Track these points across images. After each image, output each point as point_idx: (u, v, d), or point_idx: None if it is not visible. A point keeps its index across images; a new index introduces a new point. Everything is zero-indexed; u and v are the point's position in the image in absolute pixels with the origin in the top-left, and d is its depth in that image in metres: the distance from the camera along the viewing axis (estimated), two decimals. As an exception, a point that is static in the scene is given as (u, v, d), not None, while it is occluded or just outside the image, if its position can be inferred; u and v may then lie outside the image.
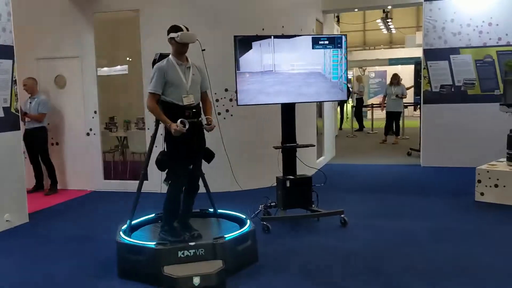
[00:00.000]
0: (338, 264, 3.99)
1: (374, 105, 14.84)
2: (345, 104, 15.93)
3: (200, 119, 3.91)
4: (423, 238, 4.59)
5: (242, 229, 4.06)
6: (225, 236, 3.86)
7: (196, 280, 3.44)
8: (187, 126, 3.69)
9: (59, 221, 5.62)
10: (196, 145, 3.92)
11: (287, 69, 4.97)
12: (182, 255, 3.66)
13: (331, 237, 4.70)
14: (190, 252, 3.67)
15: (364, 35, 30.62)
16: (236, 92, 4.92)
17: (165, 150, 3.92)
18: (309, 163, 7.56)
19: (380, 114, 13.90)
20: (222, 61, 5.78)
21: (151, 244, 3.72)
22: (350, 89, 16.46)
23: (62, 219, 5.74)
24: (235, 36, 4.87)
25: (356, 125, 14.78)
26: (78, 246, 4.64)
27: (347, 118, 15.85)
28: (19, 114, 5.46)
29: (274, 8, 7.04)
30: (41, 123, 6.96)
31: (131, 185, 4.16)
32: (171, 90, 3.80)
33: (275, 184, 5.20)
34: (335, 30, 19.00)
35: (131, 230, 4.24)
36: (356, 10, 11.61)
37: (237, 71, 4.86)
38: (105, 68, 8.74)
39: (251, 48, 4.84)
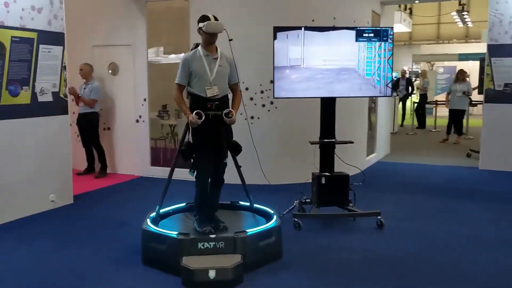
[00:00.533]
0: (363, 266, 3.83)
1: (438, 102, 14.12)
2: (407, 100, 15.26)
3: (224, 111, 3.84)
4: (459, 246, 4.29)
5: (266, 225, 3.99)
6: (247, 230, 3.80)
7: (212, 274, 3.41)
8: (202, 118, 3.69)
9: (102, 205, 5.81)
10: (218, 137, 3.86)
11: (317, 64, 4.80)
12: (202, 247, 3.65)
13: (364, 238, 4.51)
14: (210, 245, 3.65)
15: (438, 28, 29.28)
16: (273, 83, 4.83)
17: (190, 141, 3.93)
18: (358, 160, 7.36)
19: (445, 112, 13.21)
20: (271, 52, 5.69)
21: (173, 233, 3.74)
22: (414, 84, 15.80)
23: (105, 202, 5.93)
24: (274, 27, 4.76)
25: (417, 122, 14.15)
26: (112, 230, 4.76)
27: (411, 114, 15.19)
28: (67, 99, 5.67)
29: (326, 1, 6.83)
30: (93, 109, 7.21)
31: (177, 172, 4.27)
32: (195, 81, 3.80)
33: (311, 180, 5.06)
34: (406, 23, 18.35)
35: (161, 218, 4.30)
36: (417, 1, 11.01)
37: (274, 64, 4.76)
38: (158, 57, 8.89)
39: (287, 39, 4.71)
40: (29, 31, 5.08)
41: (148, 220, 4.03)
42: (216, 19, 3.83)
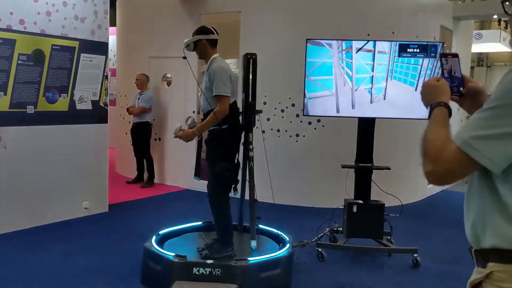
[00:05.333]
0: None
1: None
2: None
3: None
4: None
5: (272, 254, 3.63)
6: (249, 258, 3.47)
7: (199, 303, 3.13)
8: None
9: (134, 215, 5.75)
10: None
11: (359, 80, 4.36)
12: (197, 272, 3.38)
13: (393, 278, 3.98)
14: (205, 271, 3.38)
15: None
16: (303, 100, 4.47)
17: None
18: (418, 188, 6.72)
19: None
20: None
21: (170, 255, 3.51)
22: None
23: (138, 213, 5.87)
24: (307, 39, 4.42)
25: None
26: (131, 243, 4.64)
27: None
28: (107, 108, 5.71)
29: (384, 13, 6.35)
30: (145, 118, 7.27)
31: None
32: None
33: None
34: (501, 38, 16.77)
35: (172, 235, 4.12)
36: (495, 17, 10.00)
37: (306, 78, 4.41)
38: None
39: (323, 52, 4.34)
40: (70, 39, 5.18)
41: (154, 238, 3.85)
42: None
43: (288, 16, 6.37)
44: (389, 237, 4.60)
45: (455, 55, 1.52)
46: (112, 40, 8.39)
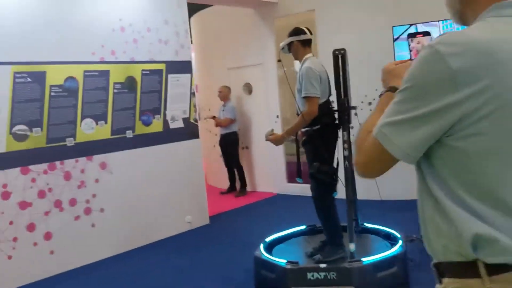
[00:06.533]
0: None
1: None
2: None
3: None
4: None
5: (386, 252, 3.53)
6: (363, 259, 3.40)
7: (319, 309, 3.12)
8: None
9: (235, 224, 5.88)
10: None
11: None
12: (312, 277, 3.36)
13: None
14: (320, 275, 3.35)
15: None
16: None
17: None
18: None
19: None
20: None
21: (282, 262, 3.53)
22: None
23: (239, 222, 5.99)
24: (393, 26, 4.28)
25: None
26: (235, 251, 4.74)
27: None
28: (198, 124, 5.88)
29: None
30: (232, 129, 7.41)
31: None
32: None
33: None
34: None
35: (278, 242, 4.14)
36: None
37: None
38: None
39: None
40: (157, 63, 5.41)
41: (262, 246, 3.89)
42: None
43: (362, 4, 6.19)
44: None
45: (427, 33, 1.36)
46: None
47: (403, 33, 4.22)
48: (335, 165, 3.76)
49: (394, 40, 4.24)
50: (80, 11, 4.76)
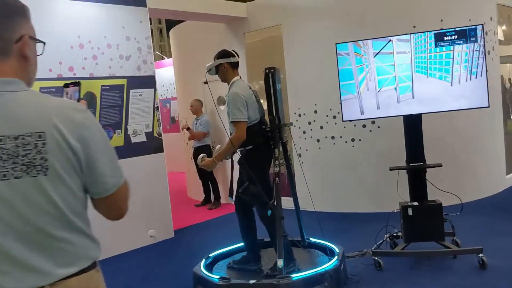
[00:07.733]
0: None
1: None
2: None
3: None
4: None
5: (318, 268, 3.53)
6: (292, 275, 3.41)
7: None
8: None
9: (199, 238, 5.88)
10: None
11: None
12: (242, 294, 3.38)
13: (456, 283, 3.70)
14: (249, 291, 3.36)
15: None
16: (340, 105, 4.36)
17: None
18: (495, 179, 6.23)
19: None
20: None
21: (215, 277, 3.54)
22: None
23: (203, 236, 5.99)
24: (336, 44, 4.31)
25: None
26: (188, 268, 4.74)
27: None
28: (162, 138, 5.93)
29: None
30: (205, 142, 7.46)
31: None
32: None
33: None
34: None
35: (223, 257, 4.16)
36: None
37: (340, 83, 4.29)
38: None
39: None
40: (118, 78, 5.47)
41: (203, 261, 3.92)
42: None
43: (327, 19, 6.24)
44: (453, 238, 4.31)
45: (77, 84, 1.44)
46: (171, 70, 8.77)
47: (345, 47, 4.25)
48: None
49: (337, 56, 4.27)
50: (38, 29, 4.83)
